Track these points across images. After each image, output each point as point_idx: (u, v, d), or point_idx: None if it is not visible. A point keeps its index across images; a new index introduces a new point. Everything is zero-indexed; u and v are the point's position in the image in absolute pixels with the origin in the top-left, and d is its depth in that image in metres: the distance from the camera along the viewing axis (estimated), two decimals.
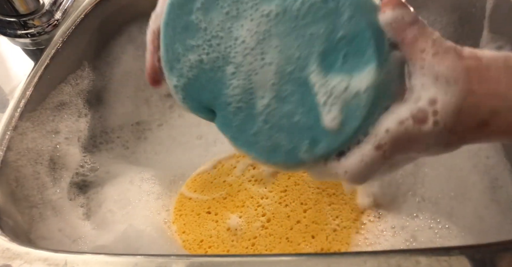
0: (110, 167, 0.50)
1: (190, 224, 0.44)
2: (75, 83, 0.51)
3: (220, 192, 0.46)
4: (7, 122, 0.42)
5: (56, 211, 0.43)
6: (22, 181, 0.42)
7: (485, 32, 0.46)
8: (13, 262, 0.32)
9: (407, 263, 0.28)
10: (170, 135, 0.56)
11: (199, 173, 0.49)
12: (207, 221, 0.44)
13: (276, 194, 0.44)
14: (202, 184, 0.48)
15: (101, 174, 0.49)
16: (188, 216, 0.45)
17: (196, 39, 0.27)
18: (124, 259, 0.31)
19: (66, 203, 0.45)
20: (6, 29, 0.49)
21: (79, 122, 0.50)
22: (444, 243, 0.37)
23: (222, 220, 0.44)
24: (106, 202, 0.46)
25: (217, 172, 0.48)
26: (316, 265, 0.29)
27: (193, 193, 0.47)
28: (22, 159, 0.42)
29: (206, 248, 0.42)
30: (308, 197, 0.43)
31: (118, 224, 0.43)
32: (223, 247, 0.42)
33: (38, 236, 0.40)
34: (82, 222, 0.44)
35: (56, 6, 0.51)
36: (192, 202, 0.46)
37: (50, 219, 0.42)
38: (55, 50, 0.49)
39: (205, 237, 0.43)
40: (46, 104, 0.47)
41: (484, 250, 0.29)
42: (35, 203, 0.42)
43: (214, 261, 0.31)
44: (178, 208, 0.46)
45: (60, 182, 0.45)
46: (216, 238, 0.42)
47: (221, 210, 0.45)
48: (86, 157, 0.50)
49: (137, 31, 0.58)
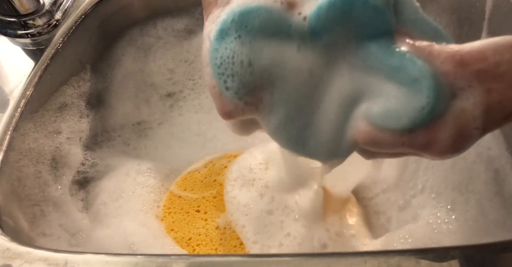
0: (109, 160, 0.50)
1: (179, 222, 0.44)
2: (77, 86, 0.51)
3: (210, 191, 0.46)
4: (8, 122, 0.42)
5: (57, 207, 0.43)
6: (24, 181, 0.42)
7: (484, 34, 0.46)
8: (13, 262, 0.32)
9: (407, 263, 0.28)
10: (170, 131, 0.56)
11: (190, 172, 0.49)
12: (196, 219, 0.44)
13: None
14: (192, 182, 0.48)
15: (101, 168, 0.50)
16: (177, 214, 0.45)
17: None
18: (124, 259, 0.31)
19: (68, 199, 0.45)
20: (6, 29, 0.49)
21: (80, 122, 0.50)
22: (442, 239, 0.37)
23: (211, 219, 0.44)
24: (101, 194, 0.46)
25: (208, 171, 0.49)
26: (316, 265, 0.29)
27: (183, 191, 0.47)
28: (24, 159, 0.42)
29: (194, 246, 0.42)
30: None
31: (111, 219, 0.43)
32: (211, 245, 0.42)
33: (39, 233, 0.40)
34: (81, 214, 0.45)
35: (56, 6, 0.51)
36: (182, 200, 0.46)
37: (52, 215, 0.42)
38: (55, 50, 0.49)
39: (194, 235, 0.43)
40: (48, 105, 0.47)
41: (484, 250, 0.29)
42: (37, 201, 0.42)
43: (214, 261, 0.31)
44: (167, 205, 0.46)
45: (62, 180, 0.46)
46: (205, 236, 0.43)
47: (211, 208, 0.45)
48: (87, 154, 0.50)
49: (138, 32, 0.58)
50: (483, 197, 0.39)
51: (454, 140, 0.23)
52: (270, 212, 0.42)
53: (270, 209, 0.42)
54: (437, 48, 0.22)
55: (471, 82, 0.22)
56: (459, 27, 0.51)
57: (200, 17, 0.59)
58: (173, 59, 0.59)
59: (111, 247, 0.40)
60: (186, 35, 0.59)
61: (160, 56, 0.59)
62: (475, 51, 0.22)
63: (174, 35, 0.59)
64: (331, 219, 0.41)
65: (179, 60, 0.59)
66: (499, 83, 0.22)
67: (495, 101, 0.22)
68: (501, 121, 0.23)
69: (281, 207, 0.42)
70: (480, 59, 0.22)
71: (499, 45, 0.22)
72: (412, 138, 0.23)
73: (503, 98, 0.22)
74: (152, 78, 0.58)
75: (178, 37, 0.59)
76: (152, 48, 0.58)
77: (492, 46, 0.22)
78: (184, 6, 0.59)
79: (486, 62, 0.22)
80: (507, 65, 0.22)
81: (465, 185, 0.41)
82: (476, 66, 0.22)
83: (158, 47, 0.59)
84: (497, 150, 0.42)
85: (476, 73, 0.22)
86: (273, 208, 0.42)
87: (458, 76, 0.22)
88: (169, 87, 0.59)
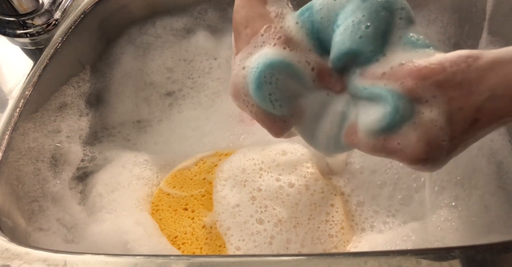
0: (107, 153, 0.51)
1: (166, 220, 0.44)
2: (77, 86, 0.51)
3: (199, 189, 0.46)
4: (7, 122, 0.42)
5: (55, 201, 0.43)
6: (23, 179, 0.42)
7: (484, 33, 0.46)
8: (13, 262, 0.32)
9: (407, 264, 0.28)
10: (169, 127, 0.56)
11: (180, 169, 0.49)
12: (183, 218, 0.44)
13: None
14: (181, 180, 0.47)
15: (100, 161, 0.50)
16: (164, 211, 0.45)
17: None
18: (124, 259, 0.31)
19: (67, 192, 0.45)
20: (5, 29, 0.49)
21: (80, 121, 0.50)
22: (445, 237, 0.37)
23: (198, 217, 0.44)
24: (97, 186, 0.46)
25: (198, 169, 0.48)
26: (316, 265, 0.29)
27: (172, 188, 0.47)
28: (24, 158, 0.42)
29: (180, 244, 0.42)
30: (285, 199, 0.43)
31: (105, 214, 0.44)
32: (196, 244, 0.42)
33: (36, 228, 0.40)
34: (78, 207, 0.45)
35: (56, 5, 0.51)
36: (170, 197, 0.46)
37: (50, 209, 0.42)
38: (54, 50, 0.49)
39: (180, 233, 0.43)
40: (47, 105, 0.47)
41: (485, 250, 0.28)
42: (36, 197, 0.42)
43: (214, 261, 0.31)
44: (155, 203, 0.46)
45: (61, 175, 0.46)
46: (191, 235, 0.42)
47: (198, 207, 0.44)
48: (87, 149, 0.50)
49: (137, 31, 0.58)
50: (486, 191, 0.39)
51: (422, 147, 0.25)
52: (260, 221, 0.41)
53: (261, 218, 0.41)
54: (399, 70, 0.26)
55: (435, 93, 0.25)
56: (460, 27, 0.51)
57: (199, 16, 0.59)
58: (172, 58, 0.59)
59: (105, 244, 0.40)
60: (185, 34, 0.59)
61: (159, 55, 0.59)
62: (434, 64, 0.25)
63: (173, 34, 0.59)
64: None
65: (178, 59, 0.59)
66: (458, 91, 0.24)
67: (456, 108, 0.24)
68: (468, 128, 0.25)
69: (273, 220, 0.40)
70: (439, 71, 0.24)
71: (455, 57, 0.25)
72: (384, 143, 0.27)
73: (464, 105, 0.24)
74: (151, 77, 0.58)
75: (177, 36, 0.59)
76: (151, 47, 0.58)
77: (449, 58, 0.25)
78: (183, 5, 0.58)
79: (445, 73, 0.24)
80: (463, 74, 0.24)
81: (468, 179, 0.40)
82: (436, 77, 0.24)
83: (157, 46, 0.58)
84: (499, 141, 0.42)
85: (437, 84, 0.24)
86: (265, 219, 0.41)
87: (420, 90, 0.25)
88: (168, 86, 0.58)
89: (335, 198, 0.43)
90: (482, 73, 0.24)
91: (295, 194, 0.42)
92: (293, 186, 0.43)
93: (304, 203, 0.42)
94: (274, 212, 0.41)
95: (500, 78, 0.23)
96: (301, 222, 0.41)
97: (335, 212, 0.42)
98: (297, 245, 0.39)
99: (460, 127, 0.25)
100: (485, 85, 0.24)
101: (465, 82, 0.24)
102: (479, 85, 0.24)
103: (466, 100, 0.24)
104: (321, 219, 0.41)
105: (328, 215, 0.42)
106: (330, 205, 0.42)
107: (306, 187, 0.43)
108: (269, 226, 0.40)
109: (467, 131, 0.25)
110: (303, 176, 0.44)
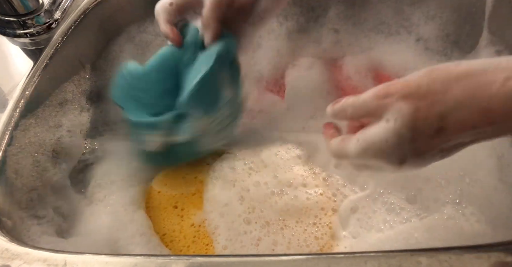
0: (107, 145, 0.51)
1: (155, 217, 0.44)
2: (78, 84, 0.51)
3: (189, 187, 0.46)
4: (7, 122, 0.42)
5: (54, 190, 0.44)
6: (22, 171, 0.41)
7: (485, 33, 0.46)
8: (13, 262, 0.32)
9: (407, 263, 0.28)
10: None
11: (172, 168, 0.49)
12: (172, 216, 0.44)
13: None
14: (173, 178, 0.48)
15: (100, 153, 0.50)
16: (154, 208, 0.45)
17: None
18: (124, 259, 0.31)
19: (66, 182, 0.45)
20: (5, 29, 0.49)
21: (81, 116, 0.50)
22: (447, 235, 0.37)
23: (187, 216, 0.44)
24: (95, 177, 0.47)
25: (190, 168, 0.48)
26: (316, 265, 0.29)
27: (163, 186, 0.47)
28: (23, 152, 0.42)
29: (168, 242, 0.42)
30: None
31: (102, 208, 0.44)
32: (184, 242, 0.42)
33: (31, 215, 0.40)
34: (77, 196, 0.45)
35: (56, 5, 0.51)
36: (161, 195, 0.46)
37: (48, 197, 0.43)
38: (54, 50, 0.49)
39: (168, 231, 0.43)
40: (48, 102, 0.47)
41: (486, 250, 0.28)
42: (35, 186, 0.42)
43: (214, 261, 0.31)
44: (146, 200, 0.46)
45: (61, 166, 0.46)
46: (179, 233, 0.42)
47: (188, 205, 0.45)
48: (88, 142, 0.50)
49: (136, 29, 0.58)
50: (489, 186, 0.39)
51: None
52: (248, 221, 0.41)
53: (249, 219, 0.41)
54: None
55: (401, 105, 0.26)
56: (460, 27, 0.51)
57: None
58: None
59: (97, 240, 0.40)
60: None
61: None
62: (399, 83, 0.27)
63: None
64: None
65: None
66: (423, 101, 0.26)
67: (421, 118, 0.26)
68: (433, 135, 0.26)
69: (261, 222, 0.41)
70: (404, 86, 0.27)
71: (419, 73, 0.27)
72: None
73: (428, 114, 0.26)
74: None
75: None
76: (150, 45, 0.58)
77: (414, 75, 0.27)
78: None
79: (409, 87, 0.27)
80: (427, 87, 0.26)
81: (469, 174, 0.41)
82: (402, 92, 0.27)
83: (156, 44, 0.58)
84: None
85: (403, 98, 0.27)
86: (252, 220, 0.41)
87: (389, 106, 0.27)
88: None
89: (325, 201, 0.43)
90: (447, 85, 0.25)
91: (284, 195, 0.43)
92: (282, 188, 0.43)
93: (293, 205, 0.42)
94: (262, 215, 0.41)
95: (465, 90, 0.25)
96: (288, 224, 0.41)
97: (323, 215, 0.42)
98: (283, 247, 0.40)
99: (427, 138, 0.26)
100: (449, 95, 0.25)
101: (428, 94, 0.26)
102: (444, 95, 0.25)
103: (430, 110, 0.26)
104: (309, 222, 0.41)
105: (316, 218, 0.42)
106: (320, 208, 0.42)
107: (296, 189, 0.43)
108: (256, 227, 0.41)
109: (433, 139, 0.26)
110: (294, 177, 0.44)
